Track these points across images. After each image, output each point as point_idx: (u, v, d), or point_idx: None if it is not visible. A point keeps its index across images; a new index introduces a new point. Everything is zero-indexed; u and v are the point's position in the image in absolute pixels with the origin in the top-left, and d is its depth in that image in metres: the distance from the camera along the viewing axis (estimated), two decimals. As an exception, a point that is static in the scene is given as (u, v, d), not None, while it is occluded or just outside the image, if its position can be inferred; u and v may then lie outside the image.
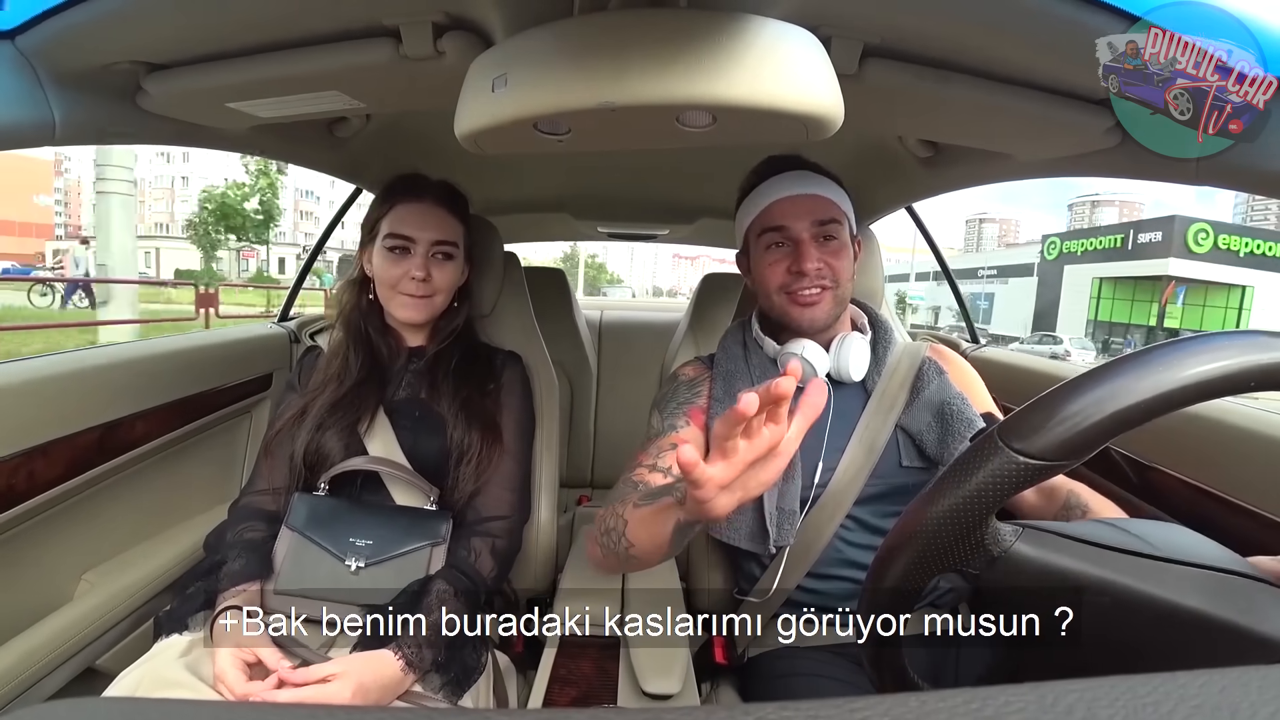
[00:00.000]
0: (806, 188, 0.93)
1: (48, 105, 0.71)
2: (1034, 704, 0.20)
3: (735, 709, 0.21)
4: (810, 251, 0.90)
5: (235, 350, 1.38)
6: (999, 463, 0.42)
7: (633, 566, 0.77)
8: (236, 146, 1.06)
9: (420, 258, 1.01)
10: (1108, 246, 27.00)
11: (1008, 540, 0.46)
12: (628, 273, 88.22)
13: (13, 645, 0.89)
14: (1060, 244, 29.66)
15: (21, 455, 0.88)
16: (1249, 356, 0.40)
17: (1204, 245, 24.08)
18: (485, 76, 0.59)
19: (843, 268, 0.93)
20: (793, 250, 0.92)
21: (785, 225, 0.92)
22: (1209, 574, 0.44)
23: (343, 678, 0.76)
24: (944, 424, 0.90)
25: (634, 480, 0.86)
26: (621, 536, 0.73)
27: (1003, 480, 0.42)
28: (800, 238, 0.91)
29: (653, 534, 0.69)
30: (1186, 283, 24.23)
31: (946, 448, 0.90)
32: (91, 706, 0.22)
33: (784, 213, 0.92)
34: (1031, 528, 0.47)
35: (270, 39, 0.73)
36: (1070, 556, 0.45)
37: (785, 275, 0.93)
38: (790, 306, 0.93)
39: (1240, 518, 0.82)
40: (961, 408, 0.90)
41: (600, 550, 0.78)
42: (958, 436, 0.89)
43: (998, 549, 0.45)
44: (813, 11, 0.62)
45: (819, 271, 0.91)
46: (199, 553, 1.13)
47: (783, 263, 0.93)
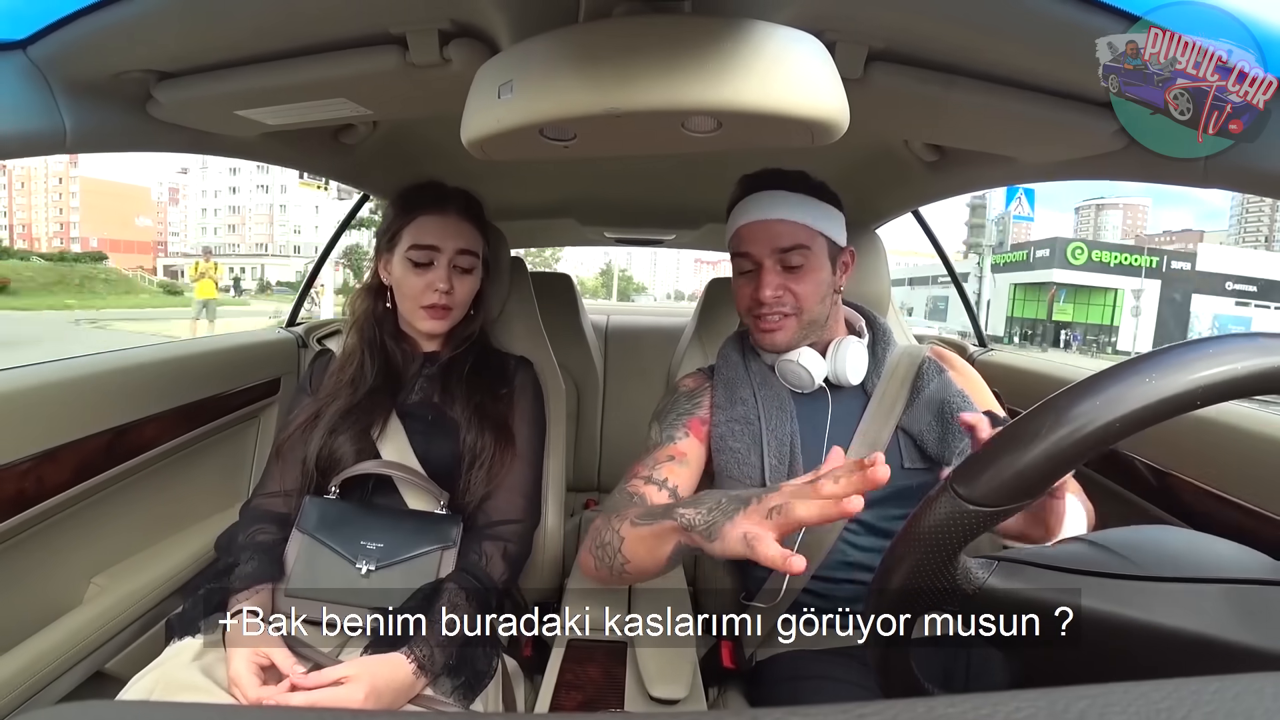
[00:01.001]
0: (773, 212, 0.92)
1: (59, 114, 0.72)
2: (1045, 710, 0.20)
3: (742, 714, 0.21)
4: (769, 279, 0.91)
5: (243, 355, 1.38)
6: (952, 509, 0.42)
7: (626, 581, 0.78)
8: (245, 154, 1.07)
9: (444, 269, 1.02)
10: (1017, 260, 35.69)
11: (979, 577, 0.45)
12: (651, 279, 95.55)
13: (23, 648, 0.89)
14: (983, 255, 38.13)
15: (31, 460, 0.89)
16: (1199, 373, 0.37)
17: (1080, 259, 32.73)
18: (491, 83, 0.60)
19: (806, 293, 0.92)
20: (756, 276, 0.93)
21: (748, 251, 0.93)
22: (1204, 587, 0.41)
23: (355, 680, 0.76)
24: (944, 423, 0.90)
25: (629, 492, 0.87)
26: (617, 553, 0.74)
27: (957, 526, 0.42)
28: (761, 264, 0.92)
29: (651, 553, 0.71)
30: (1066, 287, 33.06)
31: (947, 447, 0.89)
32: (101, 709, 0.22)
33: (748, 239, 0.93)
34: (1005, 559, 0.46)
35: (278, 47, 0.74)
36: (1046, 586, 0.44)
37: (750, 300, 0.94)
38: (755, 331, 0.96)
39: (1256, 522, 0.81)
40: (962, 405, 0.89)
41: (594, 561, 0.79)
42: (958, 435, 0.88)
43: (970, 587, 0.45)
44: (817, 16, 0.62)
45: (778, 299, 0.92)
46: (208, 556, 1.14)
47: (748, 287, 0.95)
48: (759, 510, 0.56)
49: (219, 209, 75.72)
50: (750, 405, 0.95)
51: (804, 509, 0.51)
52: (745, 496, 0.60)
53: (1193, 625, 0.39)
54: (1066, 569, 0.44)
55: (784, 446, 0.92)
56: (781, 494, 0.56)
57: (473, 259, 1.05)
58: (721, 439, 0.94)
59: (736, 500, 0.60)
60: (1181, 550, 0.44)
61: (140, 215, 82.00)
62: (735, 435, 0.93)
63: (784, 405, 0.94)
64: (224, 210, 75.24)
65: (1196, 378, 0.37)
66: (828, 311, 0.96)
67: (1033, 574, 0.45)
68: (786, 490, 0.57)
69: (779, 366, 0.96)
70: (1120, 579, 0.43)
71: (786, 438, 0.92)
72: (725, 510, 0.60)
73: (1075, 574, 0.44)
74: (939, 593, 0.45)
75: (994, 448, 0.41)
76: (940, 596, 0.45)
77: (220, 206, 75.64)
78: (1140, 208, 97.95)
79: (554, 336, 1.35)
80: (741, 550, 0.54)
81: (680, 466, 0.91)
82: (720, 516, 0.60)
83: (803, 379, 0.94)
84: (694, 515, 0.63)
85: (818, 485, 0.52)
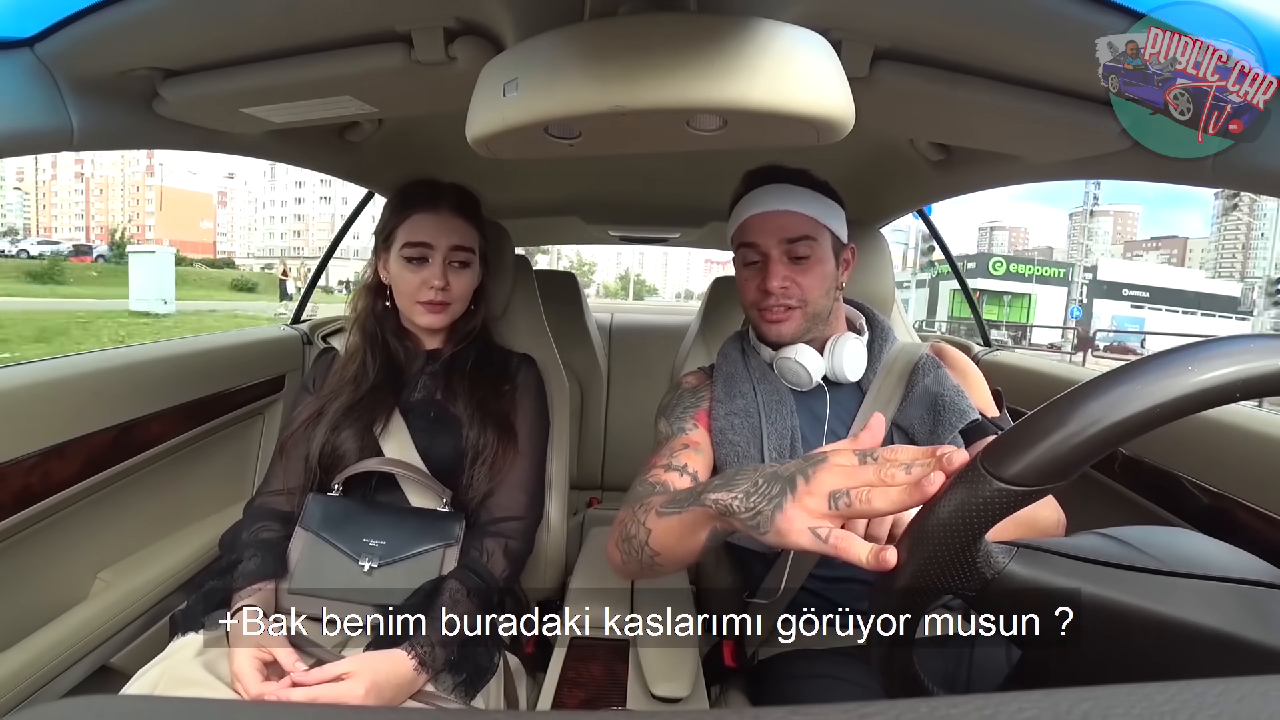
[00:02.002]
0: (780, 203, 0.92)
1: (66, 111, 0.72)
2: (1048, 711, 0.20)
3: (744, 712, 0.21)
4: (777, 270, 0.91)
5: (249, 352, 1.39)
6: (981, 489, 0.40)
7: (657, 574, 0.75)
8: (250, 151, 1.07)
9: (438, 266, 1.02)
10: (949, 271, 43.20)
11: (1000, 562, 0.45)
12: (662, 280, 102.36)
13: (28, 643, 0.90)
14: (936, 267, 45.93)
15: (38, 455, 0.89)
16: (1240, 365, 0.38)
17: (999, 270, 42.32)
18: (496, 81, 0.60)
19: (811, 285, 0.92)
20: (763, 267, 0.93)
21: (755, 242, 0.93)
22: (1219, 585, 0.41)
23: (356, 676, 0.76)
24: (936, 416, 0.89)
25: (650, 482, 0.86)
26: (644, 546, 0.71)
27: (986, 506, 0.40)
28: (769, 255, 0.92)
29: (682, 543, 0.67)
30: (988, 293, 40.70)
31: (938, 439, 0.88)
32: (104, 704, 0.22)
33: (755, 229, 0.93)
34: (1026, 546, 0.46)
35: (284, 45, 0.74)
36: (1066, 575, 0.44)
37: (756, 292, 0.94)
38: (760, 322, 0.96)
39: (1260, 523, 0.81)
40: (955, 399, 0.89)
41: (621, 556, 0.77)
42: (948, 427, 0.88)
43: (990, 571, 0.44)
44: (823, 15, 0.62)
45: (785, 290, 0.92)
46: (212, 552, 1.15)
47: (754, 279, 0.94)
48: (815, 497, 0.49)
49: (285, 216, 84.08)
50: (750, 399, 0.95)
51: (882, 499, 0.46)
52: (783, 475, 0.53)
53: (1211, 621, 0.39)
54: (1087, 559, 0.44)
55: (784, 440, 0.92)
56: (830, 471, 0.50)
57: (468, 254, 1.05)
58: (721, 432, 0.94)
59: (775, 480, 0.53)
60: (1196, 552, 0.44)
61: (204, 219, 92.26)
62: (735, 428, 0.93)
63: (784, 400, 0.95)
64: (290, 218, 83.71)
65: (1235, 370, 0.37)
66: (830, 306, 0.96)
67: (1052, 562, 0.45)
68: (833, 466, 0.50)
69: (778, 364, 0.96)
70: (1139, 571, 0.43)
71: (787, 431, 0.92)
72: (767, 495, 0.53)
73: (1096, 564, 0.44)
74: (959, 577, 0.44)
75: (1031, 427, 0.40)
76: (960, 580, 0.44)
77: (287, 215, 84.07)
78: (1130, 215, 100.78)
79: (558, 334, 1.35)
80: (813, 546, 0.48)
81: (696, 454, 0.91)
82: (764, 503, 0.53)
83: (801, 377, 0.94)
84: (730, 499, 0.56)
85: (889, 474, 0.47)
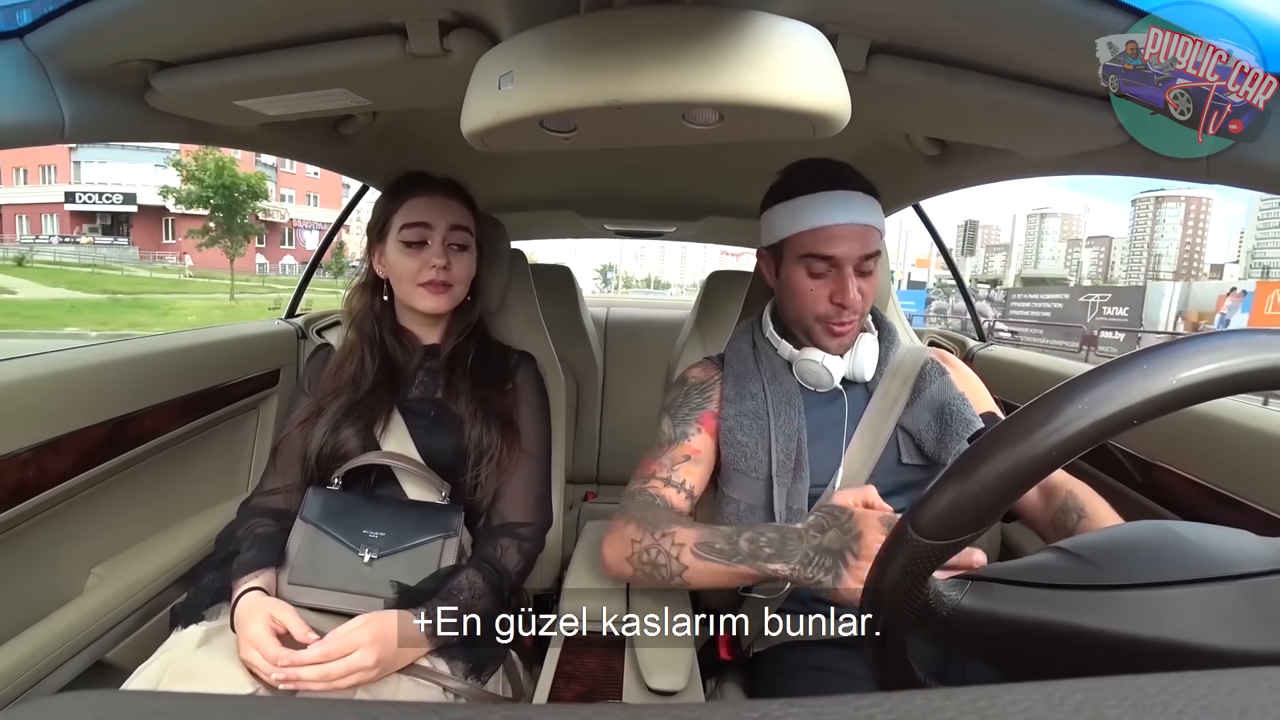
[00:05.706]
0: (860, 216, 0.90)
1: (57, 104, 0.72)
2: (1041, 703, 0.20)
3: (740, 705, 0.21)
4: (854, 283, 0.90)
5: (243, 346, 1.38)
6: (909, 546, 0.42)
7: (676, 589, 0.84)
8: (244, 144, 1.06)
9: (439, 245, 1.01)
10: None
11: (953, 598, 0.45)
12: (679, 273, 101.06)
13: (23, 639, 0.90)
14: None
15: (32, 450, 0.89)
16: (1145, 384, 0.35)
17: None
18: (492, 74, 0.59)
19: (870, 295, 0.93)
20: (836, 279, 0.90)
21: (835, 255, 0.89)
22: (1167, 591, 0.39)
23: (364, 625, 0.78)
24: (943, 423, 0.91)
25: (650, 494, 0.88)
26: (675, 577, 0.79)
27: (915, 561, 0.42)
28: (846, 270, 0.90)
29: (721, 582, 0.79)
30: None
31: (945, 447, 0.90)
32: (99, 699, 0.22)
33: (836, 242, 0.89)
34: (976, 578, 0.46)
35: (278, 37, 0.74)
36: (1017, 604, 0.44)
37: (828, 305, 0.92)
38: (824, 335, 0.94)
39: (1244, 515, 0.82)
40: (961, 408, 0.91)
41: (635, 572, 0.82)
42: (956, 436, 0.90)
43: (945, 609, 0.45)
44: (819, 8, 0.61)
45: (856, 304, 0.91)
46: (208, 546, 1.14)
47: (824, 290, 0.91)
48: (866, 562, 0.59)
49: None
50: (760, 400, 0.95)
51: None
52: (832, 550, 0.69)
53: (1166, 633, 0.38)
54: (1036, 584, 0.44)
55: (791, 442, 0.92)
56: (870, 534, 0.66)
57: (466, 235, 1.05)
58: (730, 432, 0.94)
59: (826, 554, 0.69)
60: (1157, 547, 0.43)
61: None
62: (744, 429, 0.94)
63: (793, 401, 0.95)
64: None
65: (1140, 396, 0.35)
66: None
67: (1002, 593, 0.45)
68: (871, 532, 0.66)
69: (798, 366, 0.96)
70: (1090, 590, 0.42)
71: (794, 434, 0.93)
72: (823, 566, 0.69)
73: (1045, 588, 0.43)
74: (919, 615, 0.45)
75: (938, 486, 0.41)
76: (921, 618, 0.46)
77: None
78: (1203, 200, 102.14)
79: (554, 329, 1.35)
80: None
81: (695, 466, 0.93)
82: (822, 574, 0.69)
83: (822, 378, 0.94)
84: (789, 571, 0.72)
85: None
